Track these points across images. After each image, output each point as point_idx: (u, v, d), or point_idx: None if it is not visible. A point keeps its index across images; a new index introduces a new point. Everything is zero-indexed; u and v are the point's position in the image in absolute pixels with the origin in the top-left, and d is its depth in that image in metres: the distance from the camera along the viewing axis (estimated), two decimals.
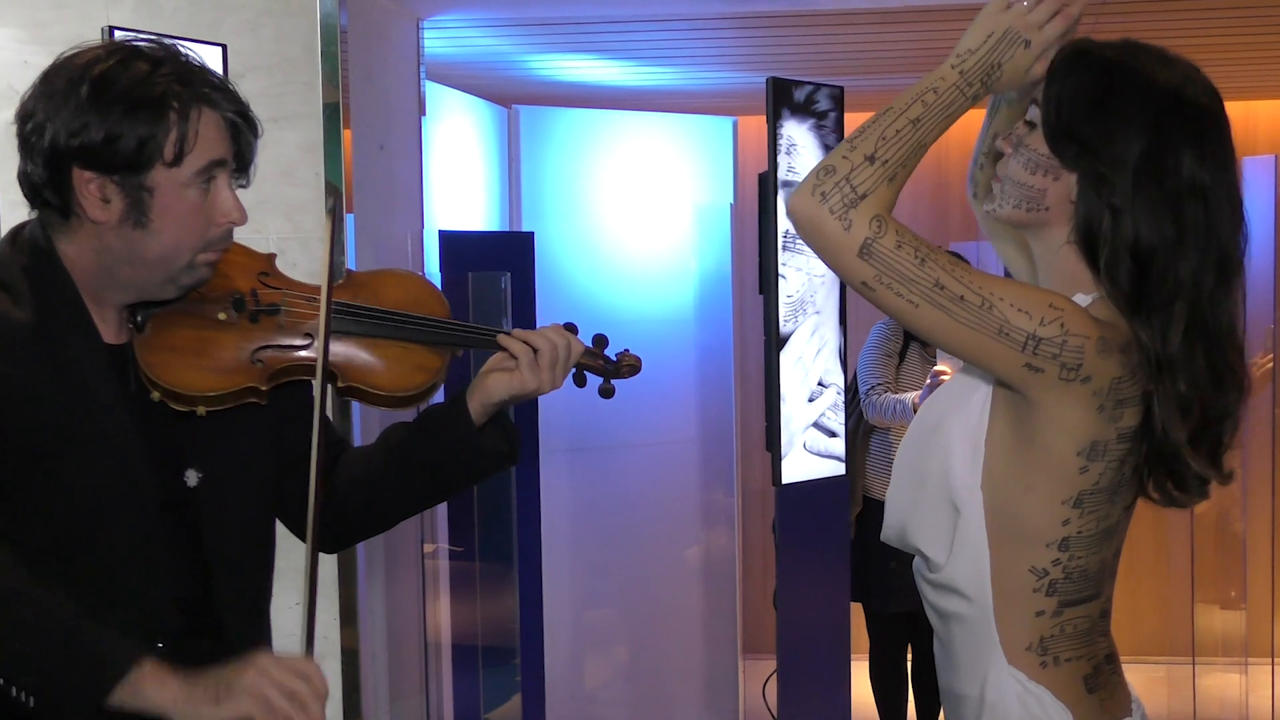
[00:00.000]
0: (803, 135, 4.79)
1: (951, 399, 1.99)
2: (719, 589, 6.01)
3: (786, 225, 4.69)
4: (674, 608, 5.95)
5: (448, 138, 5.24)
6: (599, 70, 6.07)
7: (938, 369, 5.03)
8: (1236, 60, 6.17)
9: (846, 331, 5.02)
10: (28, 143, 1.98)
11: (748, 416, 6.40)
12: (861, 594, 5.36)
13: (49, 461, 1.94)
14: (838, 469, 4.97)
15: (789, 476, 4.77)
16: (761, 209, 4.76)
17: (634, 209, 5.81)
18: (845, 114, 4.94)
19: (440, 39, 5.15)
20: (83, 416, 1.96)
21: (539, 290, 4.92)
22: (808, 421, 4.88)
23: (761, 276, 4.75)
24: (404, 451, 2.25)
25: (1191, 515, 6.54)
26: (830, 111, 4.89)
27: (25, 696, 1.82)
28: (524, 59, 5.79)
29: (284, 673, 1.84)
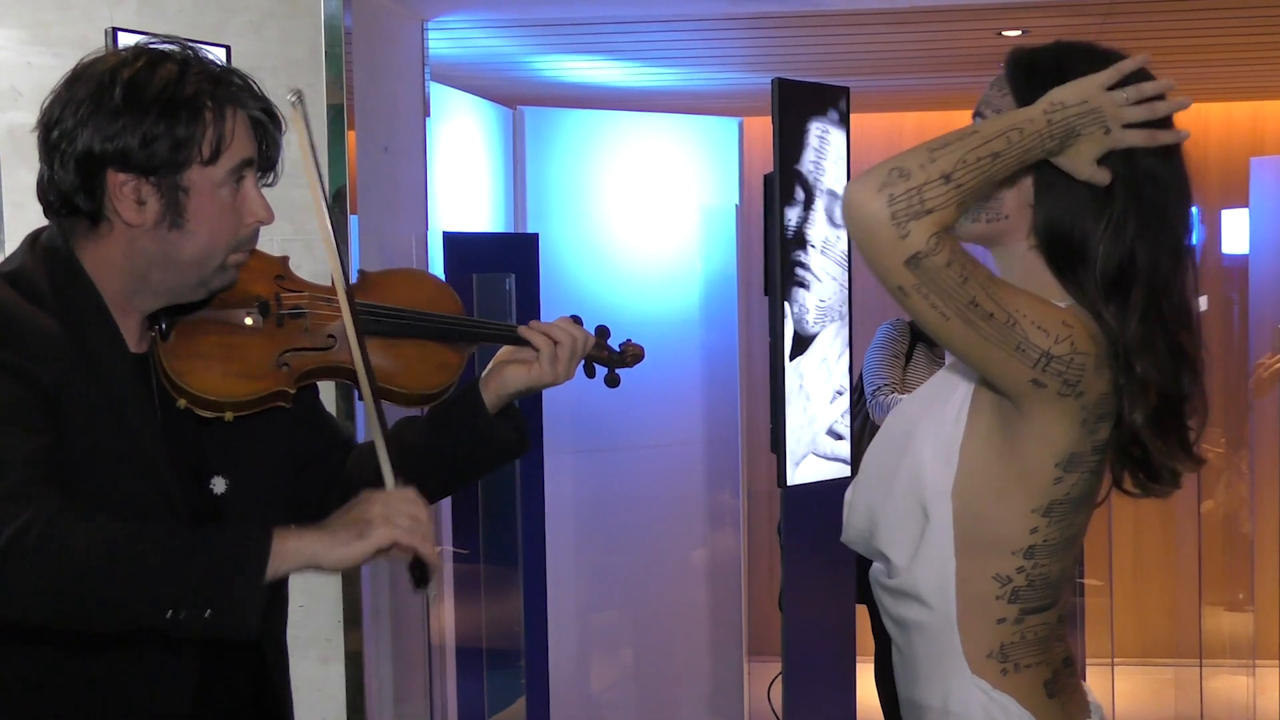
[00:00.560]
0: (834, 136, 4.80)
1: (925, 405, 2.00)
2: (724, 591, 6.01)
3: (813, 230, 4.68)
4: (679, 610, 5.95)
5: (452, 139, 5.24)
6: (604, 71, 6.06)
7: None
8: (1244, 60, 6.16)
9: (852, 332, 5.01)
10: (56, 149, 1.97)
11: (753, 418, 6.39)
12: (867, 596, 5.34)
13: (81, 469, 1.94)
14: (843, 471, 4.96)
15: (807, 477, 4.76)
16: (767, 210, 4.75)
17: (639, 210, 5.80)
18: (851, 114, 4.93)
19: (445, 40, 5.14)
20: (113, 425, 1.97)
21: (544, 292, 4.91)
22: (829, 422, 4.89)
23: (767, 278, 4.74)
24: (419, 445, 2.26)
25: (1199, 517, 6.53)
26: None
27: (198, 616, 1.81)
28: (529, 60, 5.78)
29: (402, 501, 1.92)
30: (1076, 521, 1.95)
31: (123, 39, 3.55)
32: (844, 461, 4.96)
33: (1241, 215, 6.54)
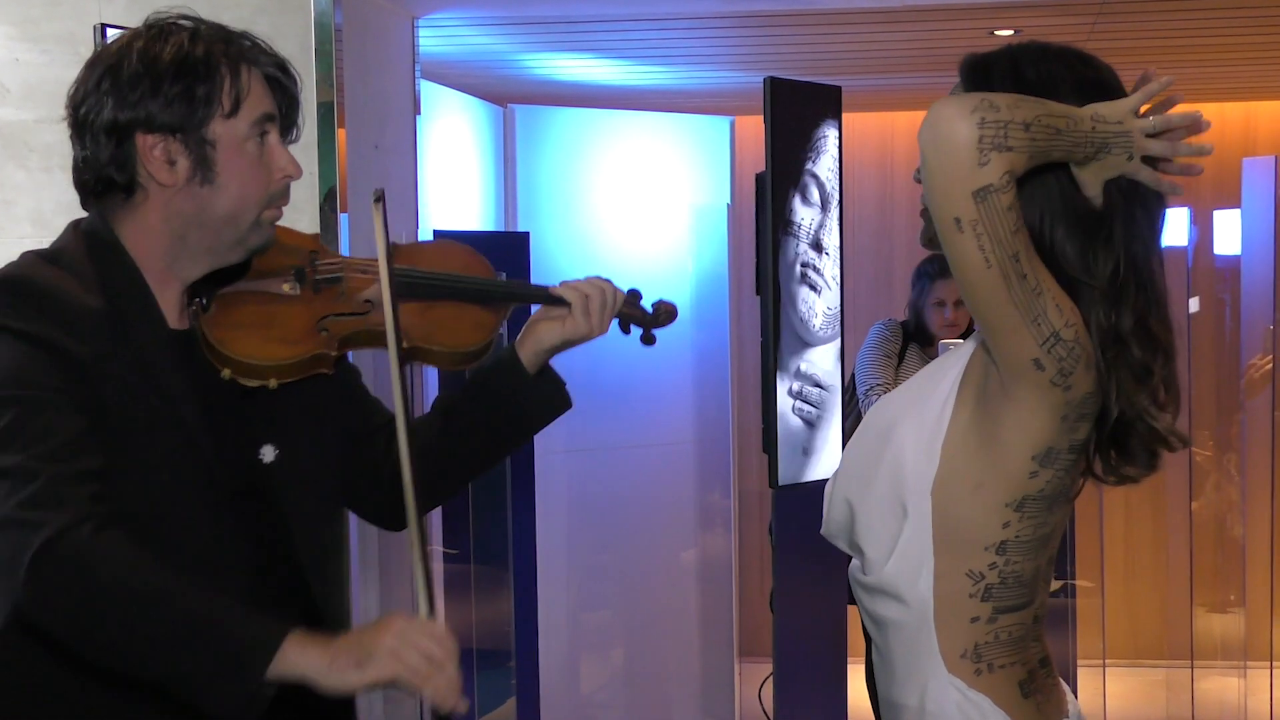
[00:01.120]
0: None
1: (907, 400, 2.01)
2: (715, 591, 5.99)
3: (828, 237, 4.67)
4: (670, 610, 5.93)
5: (443, 137, 5.22)
6: (595, 69, 6.05)
7: None
8: (1236, 61, 6.16)
9: (844, 332, 5.00)
10: (84, 127, 2.03)
11: (744, 418, 6.37)
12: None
13: (128, 441, 1.96)
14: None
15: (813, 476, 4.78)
16: (759, 209, 4.73)
17: (630, 209, 5.78)
18: (843, 113, 4.92)
19: (435, 38, 5.13)
20: (156, 399, 1.99)
21: None
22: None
23: (758, 277, 4.73)
24: (461, 412, 2.31)
25: (1190, 519, 6.53)
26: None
27: (184, 691, 1.85)
28: (520, 58, 5.77)
29: (419, 635, 1.86)
30: (1050, 520, 1.95)
31: (112, 35, 3.54)
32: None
33: (1234, 216, 6.54)
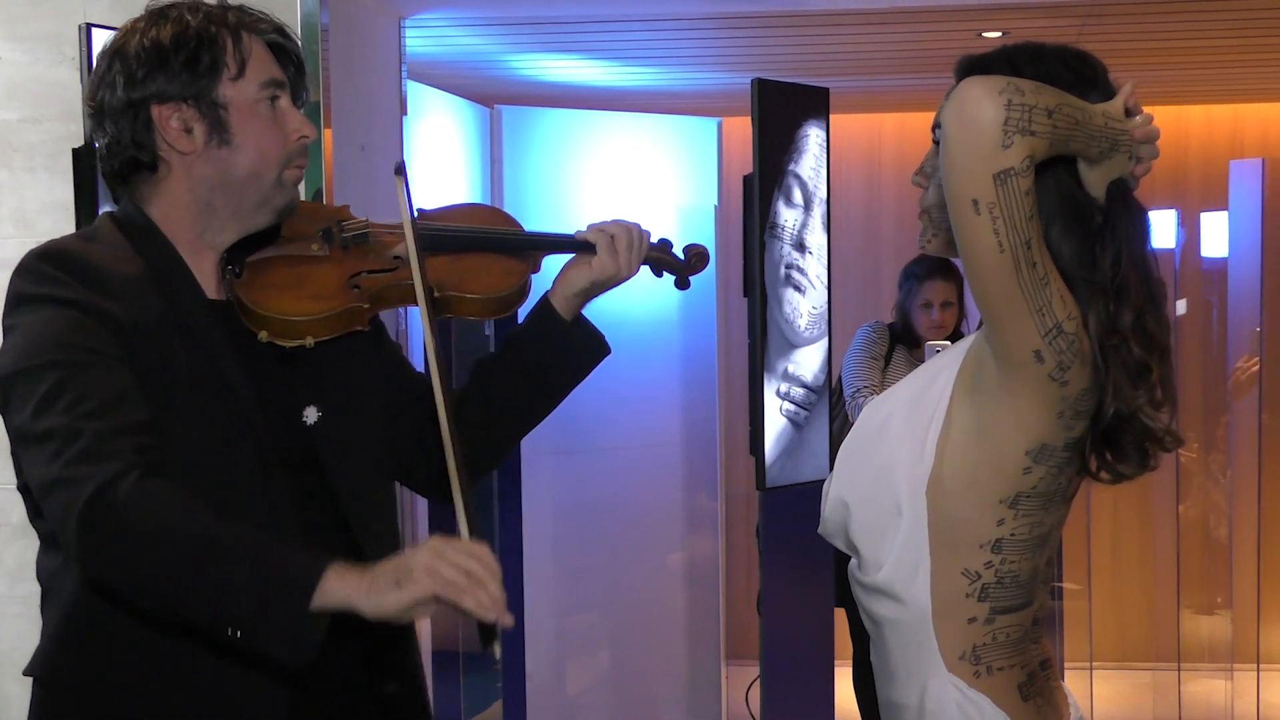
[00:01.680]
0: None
1: (901, 399, 2.01)
2: (702, 594, 5.98)
3: (811, 236, 4.66)
4: (657, 613, 5.92)
5: (429, 138, 5.20)
6: (582, 70, 6.04)
7: None
8: (1223, 63, 6.16)
9: (832, 333, 4.99)
10: (102, 113, 2.10)
11: (731, 420, 6.36)
12: (845, 599, 5.31)
13: (175, 406, 2.00)
14: (822, 473, 4.93)
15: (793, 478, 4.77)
16: (746, 211, 4.72)
17: (617, 210, 5.67)
18: (831, 115, 4.91)
19: (422, 38, 5.12)
20: (200, 363, 2.04)
21: None
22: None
23: (746, 279, 4.72)
24: (500, 369, 2.34)
25: (1177, 521, 6.53)
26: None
27: (233, 633, 1.86)
28: (507, 58, 5.75)
29: (457, 553, 1.86)
30: (1046, 520, 1.95)
31: (97, 35, 3.52)
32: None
33: (1221, 218, 6.54)
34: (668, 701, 5.98)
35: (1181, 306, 6.61)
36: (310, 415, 2.14)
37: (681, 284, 2.49)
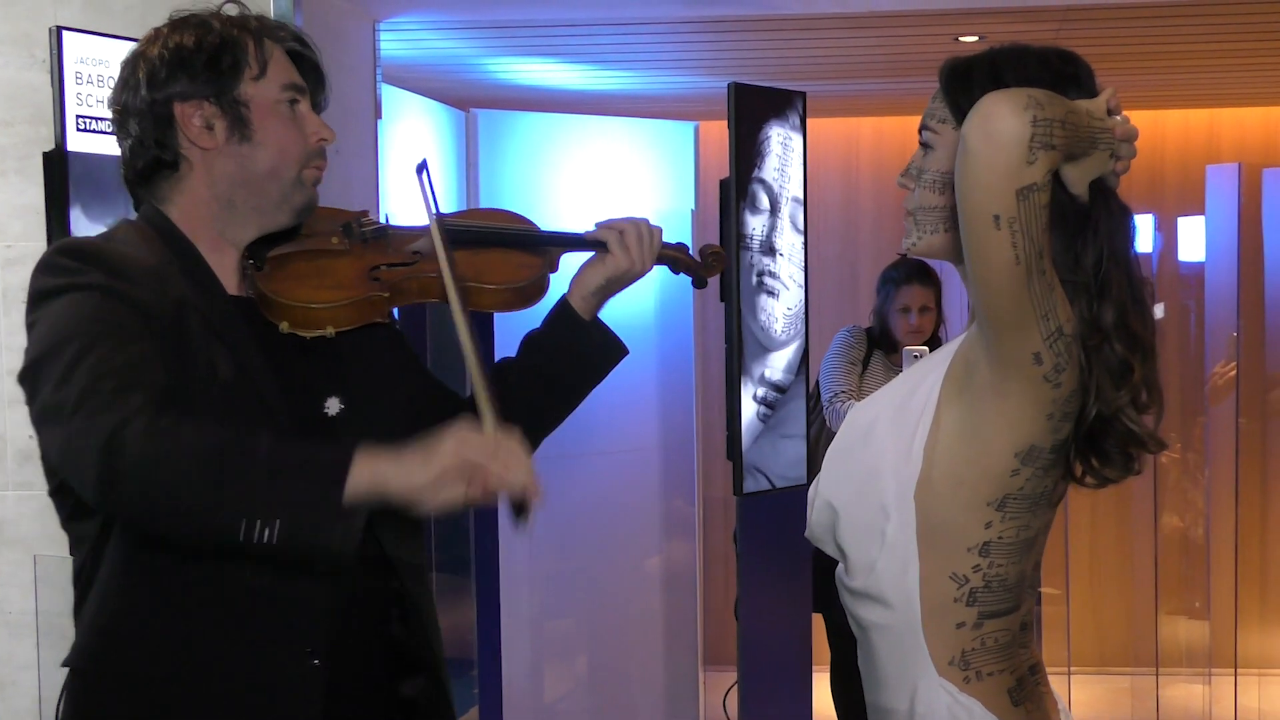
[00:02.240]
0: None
1: (887, 403, 2.01)
2: (679, 599, 5.96)
3: (780, 238, 4.64)
4: (634, 618, 5.90)
5: (404, 141, 5.18)
6: (558, 74, 6.02)
7: None
8: (1200, 68, 6.17)
9: (809, 338, 4.98)
10: (126, 115, 2.13)
11: (708, 425, 6.34)
12: (823, 604, 5.31)
13: (196, 394, 2.01)
14: (800, 479, 4.92)
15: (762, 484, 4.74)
16: (723, 215, 4.71)
17: (593, 214, 5.67)
18: (808, 119, 4.90)
19: (397, 41, 5.10)
20: (221, 353, 2.05)
21: None
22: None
23: (723, 283, 4.70)
24: (520, 370, 2.37)
25: (1155, 526, 6.54)
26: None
27: (268, 535, 1.84)
28: (482, 62, 5.74)
29: (482, 436, 1.90)
30: (1034, 524, 1.95)
31: (68, 38, 3.50)
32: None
33: (1198, 223, 6.55)
34: (645, 707, 5.97)
35: (1159, 311, 6.60)
36: (332, 406, 2.16)
37: (699, 283, 2.56)
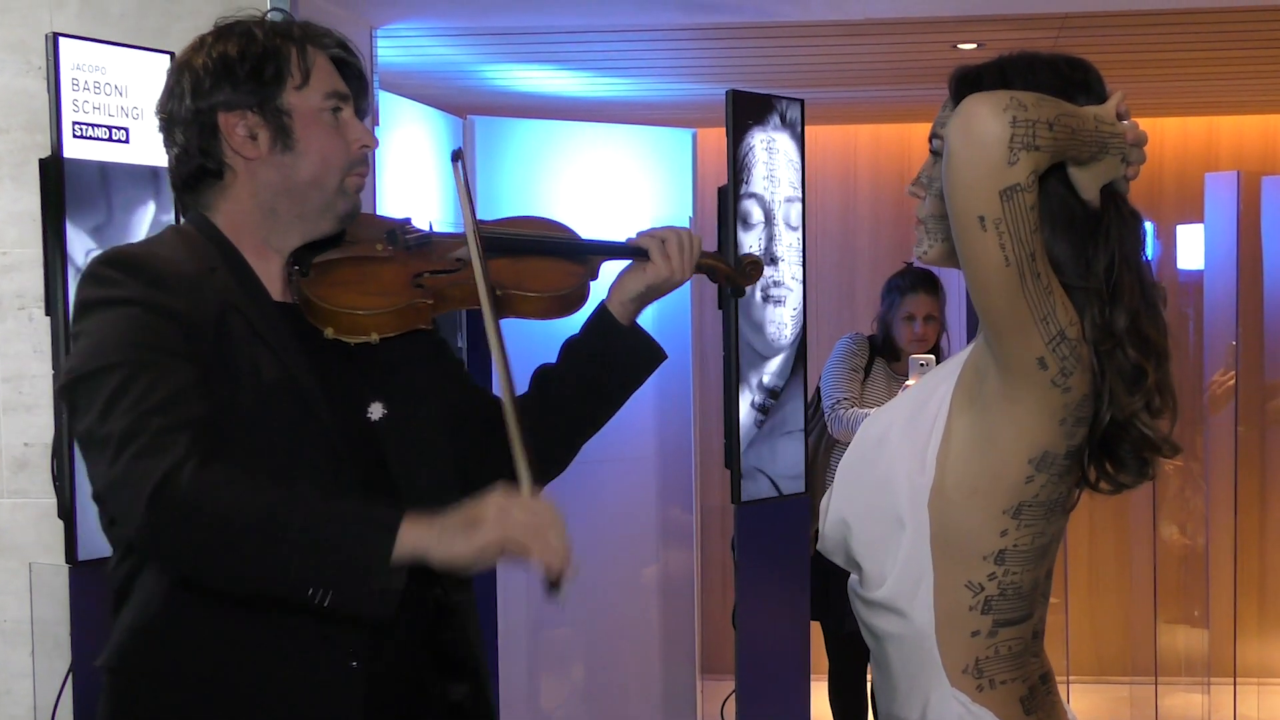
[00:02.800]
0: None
1: (900, 412, 2.00)
2: (677, 608, 5.95)
3: (780, 245, 4.63)
4: (631, 627, 5.88)
5: (402, 148, 5.17)
6: (556, 81, 6.02)
7: (909, 385, 4.97)
8: (1199, 76, 6.17)
9: (807, 346, 4.97)
10: (172, 123, 2.17)
11: (706, 433, 6.33)
12: (821, 613, 5.30)
13: (244, 401, 2.04)
14: (798, 486, 4.91)
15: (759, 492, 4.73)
16: (721, 222, 4.69)
17: (592, 221, 5.68)
18: (806, 126, 4.89)
19: (394, 48, 5.09)
20: (267, 358, 2.07)
21: None
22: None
23: (720, 291, 4.69)
24: (559, 377, 2.38)
25: (1154, 534, 6.53)
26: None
27: (322, 596, 1.89)
28: (479, 69, 5.73)
29: (522, 503, 1.92)
30: (1048, 530, 1.94)
31: (64, 45, 3.49)
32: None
33: (1196, 231, 6.55)
34: (643, 716, 5.95)
35: None
36: (375, 411, 2.17)
37: (737, 292, 2.58)
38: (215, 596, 2.03)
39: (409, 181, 5.23)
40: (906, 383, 5.03)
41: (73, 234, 3.44)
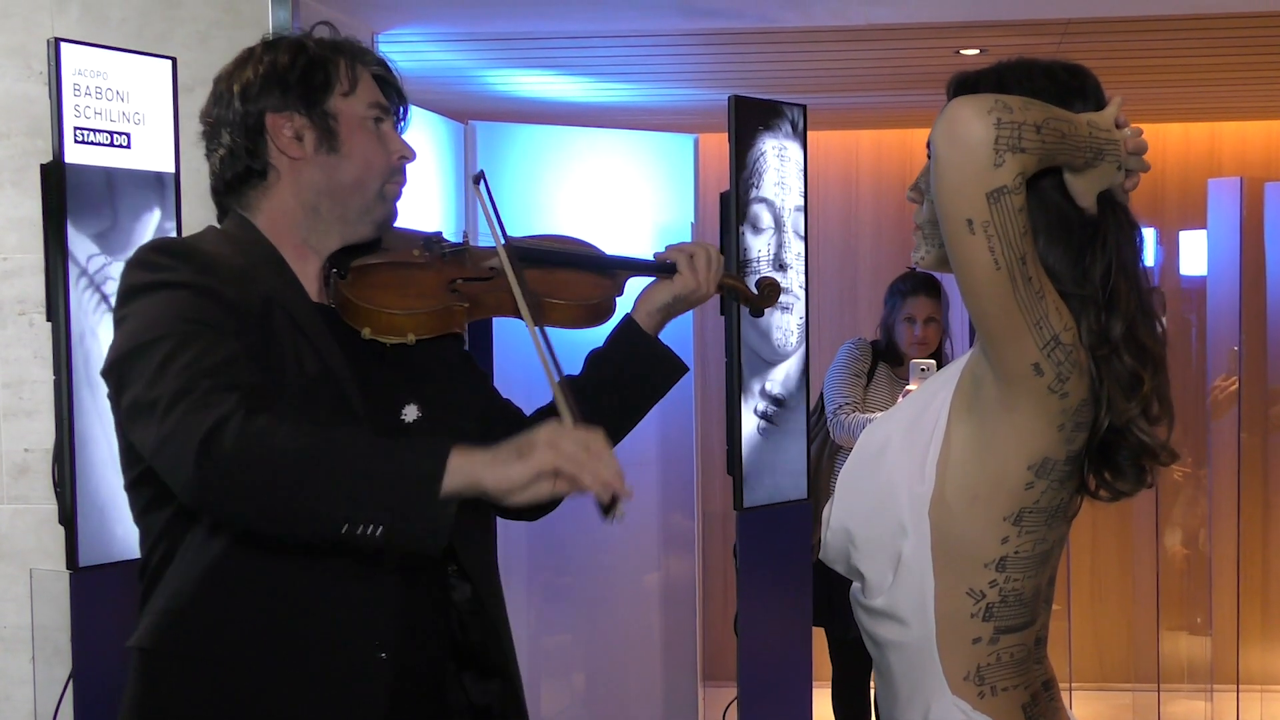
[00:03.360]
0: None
1: (898, 423, 2.01)
2: (679, 614, 5.94)
3: (788, 252, 4.62)
4: (633, 633, 5.87)
5: None
6: (557, 86, 6.01)
7: (910, 389, 4.96)
8: (1201, 81, 6.16)
9: (809, 351, 4.96)
10: (219, 126, 2.22)
11: (708, 439, 6.32)
12: (824, 619, 5.29)
13: (284, 396, 2.06)
14: (800, 492, 4.90)
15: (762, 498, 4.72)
16: (723, 228, 4.69)
17: (593, 227, 5.72)
18: (808, 131, 4.88)
19: (395, 53, 5.04)
20: (308, 354, 2.11)
21: None
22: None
23: (722, 297, 4.68)
24: (585, 386, 2.40)
25: (1157, 541, 6.51)
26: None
27: (373, 530, 1.90)
28: (480, 74, 5.72)
29: (571, 432, 1.94)
30: (1049, 537, 1.95)
31: (66, 50, 3.48)
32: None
33: (1199, 237, 6.54)
34: None
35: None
36: (409, 413, 2.23)
37: (755, 313, 2.63)
38: (246, 581, 2.08)
39: (410, 186, 5.21)
40: (907, 387, 5.03)
41: (76, 239, 3.43)
